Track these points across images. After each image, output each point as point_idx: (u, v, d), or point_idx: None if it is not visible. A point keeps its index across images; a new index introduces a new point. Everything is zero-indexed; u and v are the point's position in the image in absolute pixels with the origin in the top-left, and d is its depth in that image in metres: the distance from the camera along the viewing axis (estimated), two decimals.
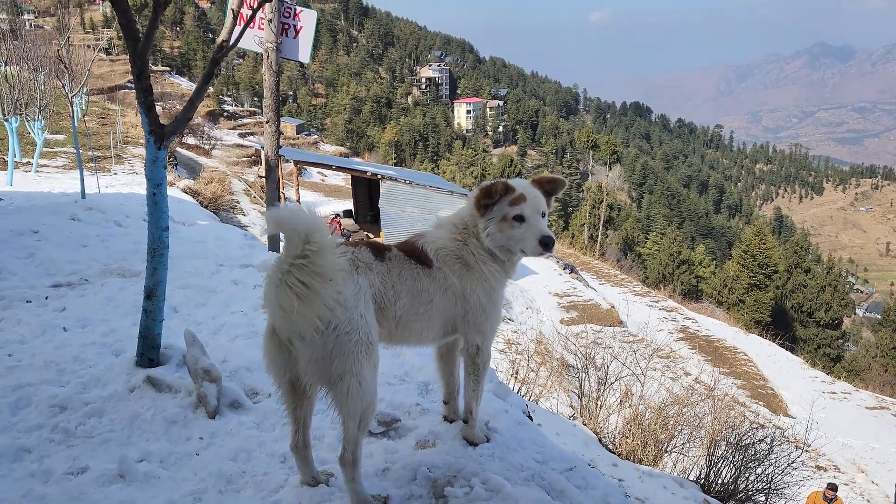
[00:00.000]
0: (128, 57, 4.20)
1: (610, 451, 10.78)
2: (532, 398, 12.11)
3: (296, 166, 32.69)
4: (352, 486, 2.99)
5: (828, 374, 35.54)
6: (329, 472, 3.36)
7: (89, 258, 7.48)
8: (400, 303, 3.04)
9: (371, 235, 32.99)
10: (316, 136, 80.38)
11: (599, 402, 12.23)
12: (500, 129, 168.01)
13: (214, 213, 21.64)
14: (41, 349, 4.77)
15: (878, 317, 69.25)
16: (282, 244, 2.73)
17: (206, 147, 46.49)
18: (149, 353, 4.32)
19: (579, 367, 13.61)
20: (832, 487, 11.87)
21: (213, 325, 5.42)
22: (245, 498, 3.21)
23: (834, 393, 28.53)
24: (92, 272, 6.92)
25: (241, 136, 61.80)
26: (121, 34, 5.03)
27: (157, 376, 4.17)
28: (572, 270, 37.79)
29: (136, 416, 3.89)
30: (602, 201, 67.44)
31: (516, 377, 12.19)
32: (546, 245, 3.15)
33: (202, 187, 26.61)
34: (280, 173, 14.92)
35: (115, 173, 23.59)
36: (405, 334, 3.18)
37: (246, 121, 76.10)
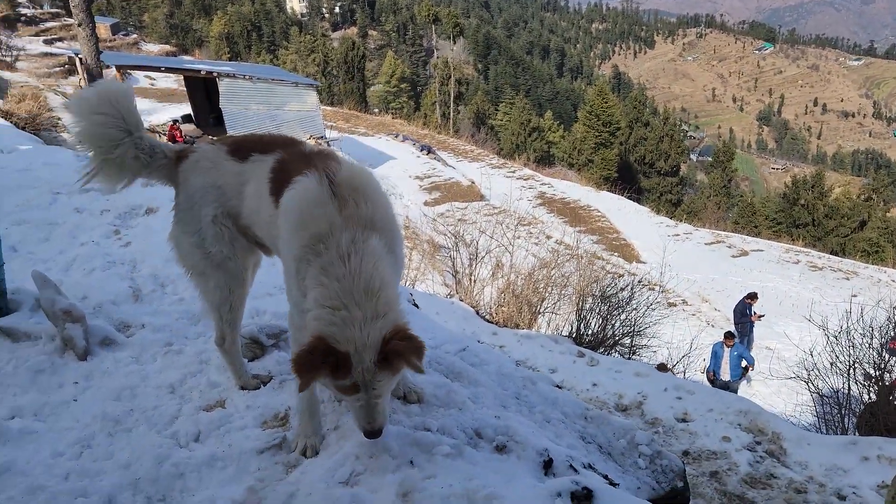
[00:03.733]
0: None
1: (488, 321, 11.32)
2: (408, 283, 12.33)
3: (119, 72, 29.72)
4: (228, 366, 3.32)
5: (671, 218, 38.70)
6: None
7: None
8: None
9: (215, 138, 31.14)
10: (135, 36, 72.87)
11: (473, 277, 12.68)
12: (337, 10, 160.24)
13: (35, 134, 19.47)
14: None
15: (710, 159, 75.56)
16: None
17: (8, 60, 41.01)
18: None
19: (450, 246, 13.95)
20: (729, 335, 12.98)
21: (63, 261, 4.96)
22: (139, 436, 3.06)
23: (678, 235, 31.20)
24: None
25: (48, 42, 54.82)
26: None
27: (10, 325, 3.79)
28: (430, 151, 37.91)
29: None
30: (450, 77, 67.13)
31: None
32: (370, 437, 2.53)
33: (14, 107, 23.66)
34: None
35: None
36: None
37: (50, 24, 67.27)
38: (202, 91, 32.71)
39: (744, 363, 12.85)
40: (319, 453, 2.81)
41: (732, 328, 15.45)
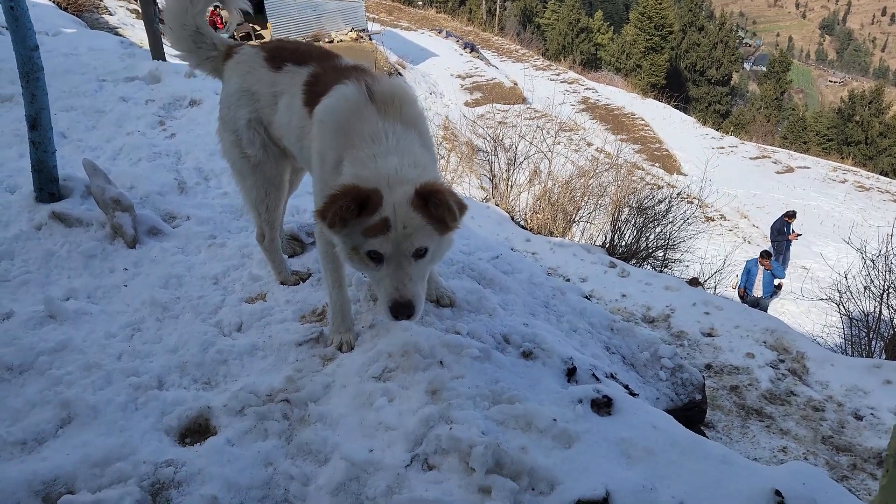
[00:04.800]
0: None
1: (522, 227, 11.37)
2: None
3: None
4: (269, 262, 3.45)
5: (717, 130, 37.58)
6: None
7: None
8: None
9: (257, 27, 30.69)
10: None
11: (510, 183, 12.64)
12: None
13: (77, 16, 19.33)
14: None
15: (764, 69, 72.18)
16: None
17: None
18: (47, 187, 4.05)
19: (488, 149, 13.84)
20: (765, 255, 12.81)
21: (111, 150, 5.08)
22: (185, 322, 3.25)
23: (722, 148, 30.41)
24: None
25: None
26: None
27: (63, 211, 3.96)
28: (473, 49, 36.88)
29: (50, 255, 3.73)
30: None
31: None
32: (398, 316, 2.31)
33: None
34: None
35: None
36: None
37: None
38: None
39: (777, 281, 12.78)
40: (354, 349, 2.96)
41: (769, 246, 15.30)
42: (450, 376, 2.72)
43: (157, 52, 8.04)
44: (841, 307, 9.64)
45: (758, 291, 12.60)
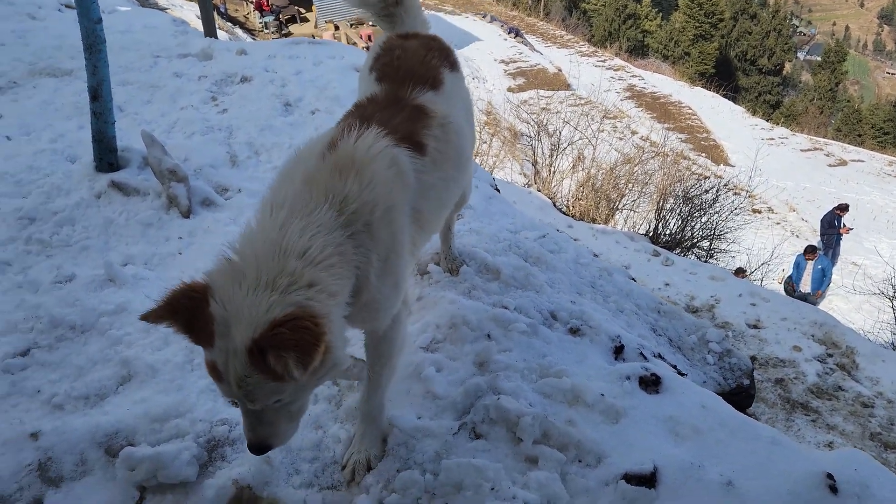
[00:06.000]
0: None
1: (564, 213, 11.30)
2: (487, 169, 12.32)
3: None
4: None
5: (767, 120, 36.68)
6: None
7: (11, 58, 6.85)
8: None
9: (302, 10, 30.90)
10: None
11: (552, 168, 12.56)
12: None
13: None
14: None
15: (818, 59, 70.05)
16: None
17: None
18: (107, 157, 4.17)
19: (532, 134, 13.76)
20: (811, 249, 12.49)
21: (165, 124, 5.19)
22: None
23: (772, 139, 29.68)
24: (18, 74, 6.40)
25: None
26: None
27: (121, 180, 4.07)
28: (517, 34, 36.57)
29: (109, 222, 3.85)
30: None
31: None
32: (256, 453, 1.89)
33: None
34: None
35: None
36: None
37: None
38: None
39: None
40: None
41: (817, 241, 14.91)
42: (497, 349, 2.75)
43: (210, 30, 8.19)
44: (894, 303, 9.38)
45: (805, 286, 12.32)
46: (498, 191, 5.15)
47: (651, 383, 2.64)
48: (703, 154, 26.41)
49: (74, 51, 3.86)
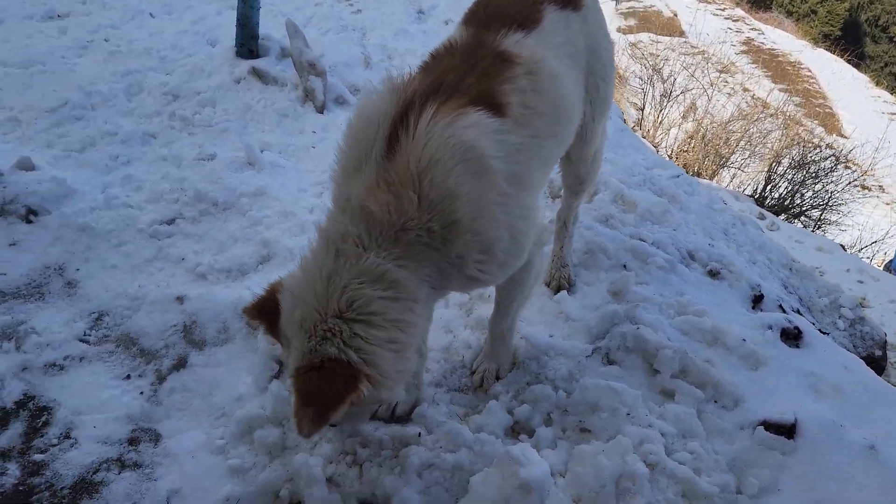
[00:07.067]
0: None
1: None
2: None
3: None
4: None
5: (892, 94, 34.10)
6: None
7: None
8: None
9: None
10: None
11: (661, 115, 12.09)
12: None
13: None
14: (136, 35, 4.67)
15: None
16: None
17: None
18: (248, 43, 4.21)
19: (644, 78, 13.21)
20: None
21: (301, 18, 5.19)
22: None
23: (894, 114, 27.63)
24: None
25: None
26: None
27: (261, 68, 4.12)
28: None
29: (247, 108, 3.92)
30: None
31: None
32: None
33: None
34: None
35: None
36: None
37: None
38: None
39: None
40: None
41: None
42: (634, 281, 2.69)
43: None
44: None
45: None
46: (625, 122, 4.99)
47: (792, 336, 2.55)
48: (816, 121, 24.87)
49: None
